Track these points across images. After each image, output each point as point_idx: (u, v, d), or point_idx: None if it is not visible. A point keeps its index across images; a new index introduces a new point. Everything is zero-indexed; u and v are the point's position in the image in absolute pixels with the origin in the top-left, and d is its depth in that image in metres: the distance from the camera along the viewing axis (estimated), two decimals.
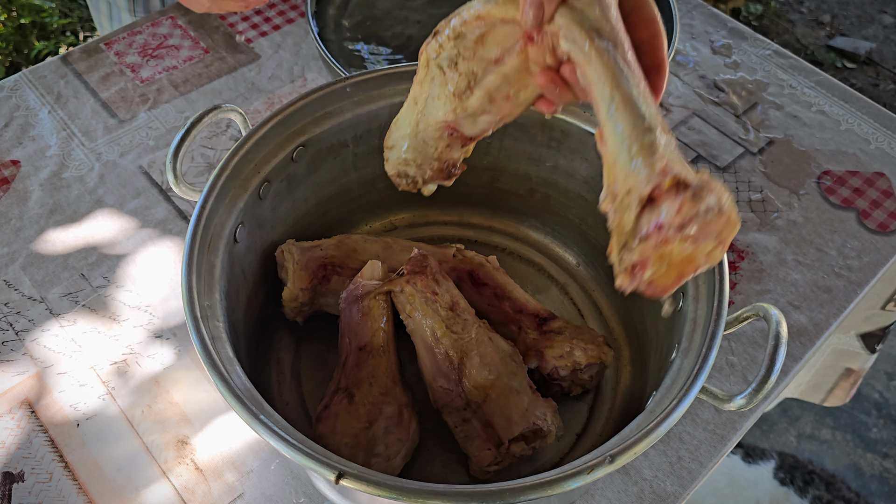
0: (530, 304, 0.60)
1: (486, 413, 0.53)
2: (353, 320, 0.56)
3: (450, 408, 0.54)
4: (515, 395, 0.53)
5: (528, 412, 0.53)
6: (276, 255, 0.59)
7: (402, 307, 0.56)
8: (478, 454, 0.53)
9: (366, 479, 0.39)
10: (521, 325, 0.59)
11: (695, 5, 0.96)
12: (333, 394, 0.54)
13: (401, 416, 0.53)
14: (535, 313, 0.59)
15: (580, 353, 0.56)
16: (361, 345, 0.55)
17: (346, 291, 0.57)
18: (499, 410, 0.53)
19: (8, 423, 0.59)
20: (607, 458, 0.40)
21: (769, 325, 0.44)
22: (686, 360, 0.46)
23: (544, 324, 0.59)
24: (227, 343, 0.46)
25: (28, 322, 0.65)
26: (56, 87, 0.83)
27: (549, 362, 0.56)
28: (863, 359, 0.85)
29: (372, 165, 0.63)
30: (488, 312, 0.60)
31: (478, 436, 0.53)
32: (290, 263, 0.58)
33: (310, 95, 0.57)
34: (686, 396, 0.42)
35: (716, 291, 0.47)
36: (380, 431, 0.52)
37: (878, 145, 0.81)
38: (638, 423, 0.43)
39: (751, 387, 0.42)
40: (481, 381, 0.53)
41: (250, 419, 0.41)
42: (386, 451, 0.52)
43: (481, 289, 0.61)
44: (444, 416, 0.54)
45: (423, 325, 0.55)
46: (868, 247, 0.73)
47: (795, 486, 1.25)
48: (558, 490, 0.39)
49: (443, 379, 0.54)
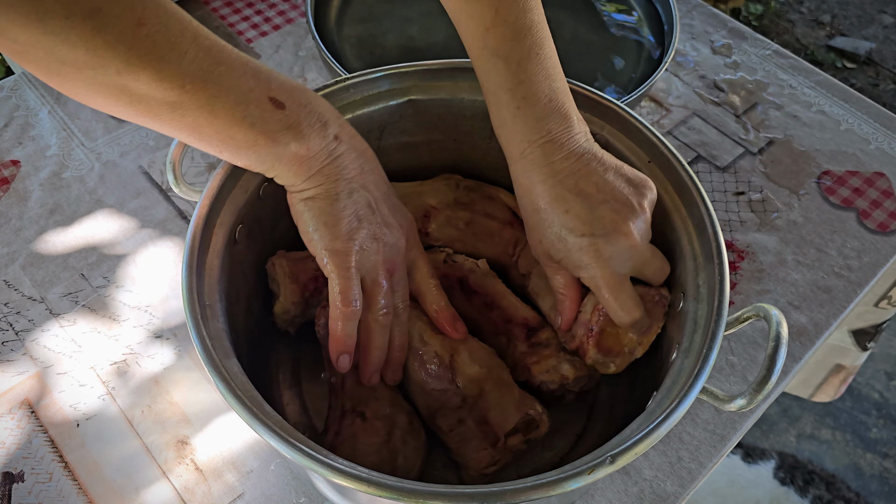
0: (520, 313, 0.58)
1: (482, 408, 0.52)
2: None
3: (445, 409, 0.53)
4: (507, 386, 0.53)
5: (521, 403, 0.53)
6: (266, 267, 0.58)
7: None
8: (475, 456, 0.52)
9: (365, 479, 0.39)
10: (510, 337, 0.57)
11: (695, 5, 0.96)
12: (341, 419, 0.52)
13: (412, 425, 0.53)
14: (525, 323, 0.58)
15: (567, 366, 0.54)
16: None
17: (323, 316, 0.55)
18: (494, 403, 0.52)
19: (8, 423, 0.59)
20: (608, 458, 0.40)
21: (769, 325, 0.44)
22: (686, 360, 0.46)
23: (533, 335, 0.57)
24: (228, 343, 0.46)
25: (28, 322, 0.65)
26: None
27: (537, 377, 0.55)
28: (854, 356, 0.85)
29: None
30: (480, 322, 0.58)
31: (473, 436, 0.52)
32: (280, 277, 0.57)
33: None
34: (686, 397, 0.42)
35: (716, 292, 0.47)
36: (399, 442, 0.51)
37: (878, 145, 0.81)
38: (638, 423, 0.43)
39: (750, 387, 0.42)
40: (475, 375, 0.53)
41: (250, 419, 0.41)
42: (406, 462, 0.51)
43: (472, 297, 0.59)
44: (437, 421, 0.53)
45: (409, 333, 0.54)
46: (868, 247, 0.73)
47: (795, 485, 1.25)
48: (559, 490, 0.39)
49: (435, 381, 0.53)
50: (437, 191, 0.62)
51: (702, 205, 0.51)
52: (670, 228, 0.53)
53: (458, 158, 0.63)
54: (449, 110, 0.60)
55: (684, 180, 0.52)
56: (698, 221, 0.51)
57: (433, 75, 0.58)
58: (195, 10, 0.91)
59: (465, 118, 0.60)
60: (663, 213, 0.54)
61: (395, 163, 0.64)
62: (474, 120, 0.60)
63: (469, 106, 0.59)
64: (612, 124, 0.56)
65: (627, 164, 0.51)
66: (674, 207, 0.53)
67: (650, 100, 0.85)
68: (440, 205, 0.62)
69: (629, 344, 0.53)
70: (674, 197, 0.53)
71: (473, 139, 0.62)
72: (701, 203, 0.51)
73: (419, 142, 0.63)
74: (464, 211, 0.62)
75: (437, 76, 0.58)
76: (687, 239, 0.52)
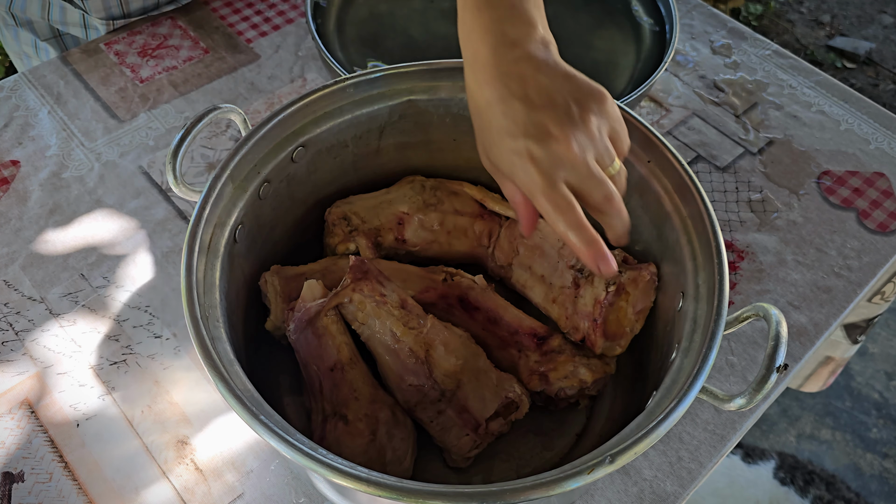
0: (525, 324, 0.58)
1: (461, 399, 0.53)
2: (312, 345, 0.54)
3: (423, 403, 0.53)
4: (484, 374, 0.53)
5: (499, 388, 0.53)
6: (259, 283, 0.58)
7: (352, 317, 0.55)
8: (457, 442, 0.53)
9: (365, 479, 0.39)
10: (520, 348, 0.57)
11: (694, 5, 0.96)
12: (323, 423, 0.52)
13: (395, 417, 0.53)
14: (532, 332, 0.58)
15: (584, 370, 0.55)
16: (330, 365, 0.53)
17: (292, 321, 0.54)
18: (472, 393, 0.53)
19: (8, 423, 0.59)
20: (607, 458, 0.40)
21: (769, 325, 0.44)
22: (686, 359, 0.46)
23: (543, 343, 0.57)
24: (227, 343, 0.46)
25: (28, 322, 0.65)
26: (56, 87, 0.83)
27: (555, 385, 0.55)
28: (844, 348, 0.86)
29: (372, 166, 0.63)
30: (484, 338, 0.58)
31: (454, 424, 0.53)
32: (272, 294, 0.57)
33: (310, 95, 0.57)
34: (686, 396, 0.42)
35: (716, 291, 0.47)
36: (384, 438, 0.51)
37: (877, 145, 0.81)
38: (638, 423, 0.43)
39: (750, 387, 0.42)
40: (451, 369, 0.53)
41: (250, 420, 0.41)
42: (395, 455, 0.51)
43: (474, 314, 0.59)
44: (418, 414, 0.54)
45: (380, 329, 0.54)
46: (868, 247, 0.73)
47: (796, 485, 1.25)
48: (558, 490, 0.39)
49: (412, 377, 0.53)
50: (404, 196, 0.63)
51: (701, 205, 0.51)
52: (670, 228, 0.53)
53: (457, 158, 0.63)
54: (449, 110, 0.60)
55: (684, 180, 0.52)
56: (697, 221, 0.51)
57: (433, 75, 0.58)
58: (195, 10, 0.91)
59: (465, 118, 0.60)
60: (663, 213, 0.54)
61: (395, 163, 0.64)
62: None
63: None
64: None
65: (588, 79, 0.48)
66: (673, 208, 0.53)
67: (650, 100, 0.85)
68: (411, 210, 0.62)
69: (629, 324, 0.55)
70: (673, 197, 0.53)
71: (473, 140, 0.62)
72: (700, 203, 0.51)
73: (419, 142, 0.63)
74: (434, 212, 0.62)
75: (436, 76, 0.58)
76: (686, 239, 0.52)
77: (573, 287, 0.57)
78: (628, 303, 0.55)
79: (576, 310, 0.56)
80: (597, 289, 0.55)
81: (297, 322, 0.54)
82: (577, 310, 0.56)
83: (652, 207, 0.55)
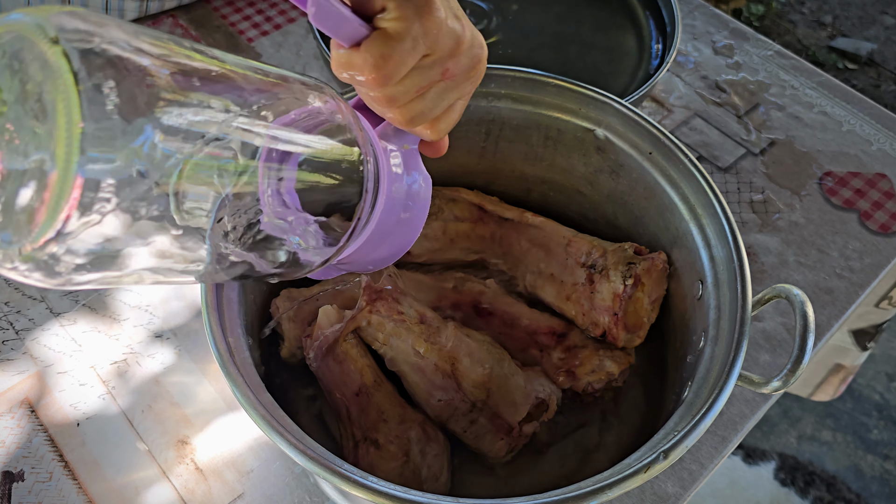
0: (542, 323, 0.58)
1: (492, 406, 0.52)
2: (334, 373, 0.53)
3: (455, 416, 0.53)
4: (511, 378, 0.53)
5: (528, 389, 0.53)
6: (271, 310, 0.57)
7: (372, 339, 0.54)
8: (492, 448, 0.52)
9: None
10: (541, 348, 0.57)
11: (696, 6, 0.96)
12: (355, 450, 0.52)
13: (427, 433, 0.52)
14: (551, 330, 0.57)
15: (610, 362, 0.55)
16: (355, 391, 0.53)
17: (311, 350, 0.54)
18: (502, 399, 0.52)
19: (8, 422, 0.59)
20: (661, 454, 0.39)
21: (793, 305, 0.43)
22: (717, 348, 0.45)
23: (564, 339, 0.57)
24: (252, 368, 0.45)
25: (28, 321, 0.65)
26: None
27: (583, 380, 0.55)
28: (854, 356, 0.85)
29: None
30: (503, 341, 0.58)
31: (488, 431, 0.52)
32: (284, 320, 0.56)
33: None
34: (726, 385, 0.42)
35: (737, 277, 0.47)
36: (417, 458, 0.51)
37: (879, 146, 0.81)
38: (680, 415, 0.42)
39: (785, 368, 0.42)
40: (479, 379, 0.52)
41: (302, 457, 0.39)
42: (430, 472, 0.51)
43: (489, 319, 0.59)
44: (450, 426, 0.53)
45: (403, 348, 0.53)
46: (869, 248, 0.73)
47: (796, 486, 1.25)
48: (618, 491, 0.38)
49: (440, 392, 0.52)
50: None
51: (708, 189, 0.50)
52: (678, 218, 0.53)
53: (451, 164, 0.63)
54: None
55: (688, 168, 0.52)
56: (706, 207, 0.51)
57: None
58: (196, 9, 0.91)
59: (464, 119, 0.60)
60: (669, 204, 0.54)
61: None
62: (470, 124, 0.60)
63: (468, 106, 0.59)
64: (611, 120, 0.56)
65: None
66: (680, 197, 0.53)
67: (652, 100, 0.85)
68: None
69: (646, 314, 0.56)
70: (679, 186, 0.53)
71: (465, 144, 0.62)
72: (708, 188, 0.50)
73: None
74: (435, 221, 0.62)
75: None
76: (697, 227, 0.52)
77: (587, 283, 0.56)
78: (644, 293, 0.55)
79: (593, 305, 0.56)
80: (614, 283, 0.55)
81: (316, 351, 0.53)
82: (594, 305, 0.56)
83: (655, 197, 0.55)
